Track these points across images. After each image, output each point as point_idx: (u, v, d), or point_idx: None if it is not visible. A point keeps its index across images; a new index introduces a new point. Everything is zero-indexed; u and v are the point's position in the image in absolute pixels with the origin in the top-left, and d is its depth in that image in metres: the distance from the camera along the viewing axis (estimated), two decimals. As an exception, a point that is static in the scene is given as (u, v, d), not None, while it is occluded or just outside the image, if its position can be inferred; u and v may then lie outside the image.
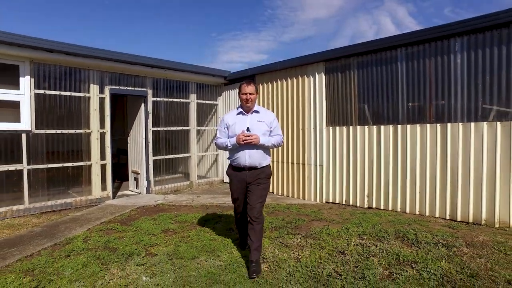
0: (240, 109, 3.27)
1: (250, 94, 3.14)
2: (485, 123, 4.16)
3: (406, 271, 2.80)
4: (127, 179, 7.63)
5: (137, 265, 3.23)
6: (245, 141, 3.01)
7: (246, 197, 3.22)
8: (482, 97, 4.20)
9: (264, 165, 3.20)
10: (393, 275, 2.76)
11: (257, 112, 3.24)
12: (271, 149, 3.47)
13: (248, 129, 3.09)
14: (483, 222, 4.15)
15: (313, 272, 2.88)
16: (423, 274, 2.72)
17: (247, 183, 3.18)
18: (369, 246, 3.38)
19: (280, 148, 6.46)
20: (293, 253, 3.37)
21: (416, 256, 3.07)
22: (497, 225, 4.03)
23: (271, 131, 3.22)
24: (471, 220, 4.25)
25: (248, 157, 3.10)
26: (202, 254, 3.44)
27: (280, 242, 3.67)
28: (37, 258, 3.45)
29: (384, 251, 3.24)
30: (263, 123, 3.16)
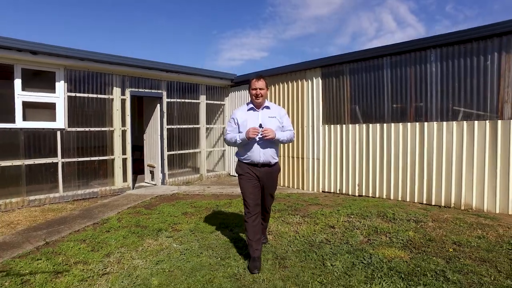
0: (251, 105, 3.19)
1: (260, 89, 3.08)
2: (454, 122, 4.93)
3: (381, 238, 3.60)
4: (141, 173, 8.42)
5: (166, 237, 4.02)
6: (263, 136, 2.95)
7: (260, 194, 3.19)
8: (452, 100, 4.97)
9: (275, 161, 3.21)
10: (370, 241, 3.55)
11: (268, 108, 3.19)
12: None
13: (260, 126, 3.04)
14: (452, 205, 4.94)
15: (308, 240, 3.67)
16: (393, 240, 3.51)
17: (260, 179, 3.15)
18: (354, 222, 4.17)
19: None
20: (292, 227, 4.16)
21: (391, 229, 3.86)
22: (462, 207, 4.82)
23: (282, 127, 3.19)
24: (443, 204, 5.04)
25: (263, 154, 3.08)
26: (219, 229, 4.23)
27: (282, 220, 4.46)
28: (85, 232, 4.25)
29: (366, 225, 4.03)
30: (275, 119, 3.13)
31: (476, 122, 4.72)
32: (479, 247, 3.22)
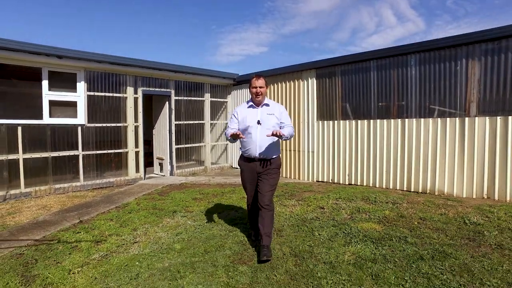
0: (251, 102, 3.34)
1: (260, 87, 3.21)
2: (430, 119, 5.65)
3: (362, 215, 4.33)
4: (149, 166, 9.12)
5: (181, 216, 4.74)
6: (277, 134, 3.04)
7: (257, 186, 3.35)
8: (429, 100, 5.68)
9: (275, 156, 3.31)
10: (352, 218, 4.28)
11: (267, 105, 3.32)
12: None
13: (258, 122, 3.22)
14: (428, 191, 5.67)
15: (302, 217, 4.40)
16: (371, 217, 4.24)
17: (258, 173, 3.30)
18: (341, 204, 4.90)
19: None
20: (288, 209, 4.88)
21: (371, 209, 4.59)
22: (436, 193, 5.55)
23: (281, 123, 3.31)
24: (420, 190, 5.77)
25: (259, 149, 3.22)
26: (225, 210, 4.95)
27: (280, 203, 5.19)
28: (110, 213, 4.97)
29: (351, 206, 4.76)
30: (273, 116, 3.26)
31: (448, 119, 5.43)
32: (439, 221, 3.95)
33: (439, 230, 3.64)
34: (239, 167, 3.55)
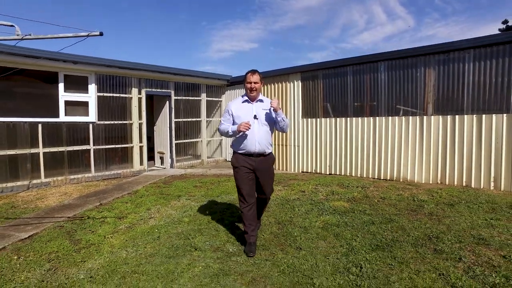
0: (245, 97, 3.35)
1: (255, 83, 3.23)
2: (396, 117, 6.65)
3: (335, 196, 5.30)
4: (150, 159, 9.97)
5: (186, 199, 5.65)
6: (272, 103, 3.18)
7: (256, 183, 3.36)
8: (396, 101, 6.68)
9: (270, 151, 3.36)
10: (327, 198, 5.26)
11: (261, 101, 3.36)
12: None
13: (255, 117, 3.23)
14: (394, 178, 6.69)
15: (286, 198, 5.35)
16: (342, 197, 5.22)
17: (255, 169, 3.29)
18: (319, 189, 5.87)
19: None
20: (275, 193, 5.81)
21: (343, 191, 5.57)
22: (401, 180, 6.57)
23: (276, 119, 3.33)
24: (388, 178, 6.78)
25: (258, 144, 3.23)
26: (222, 195, 5.87)
27: (268, 189, 6.13)
28: (124, 198, 5.85)
29: (327, 190, 5.74)
30: (267, 112, 3.32)
31: (410, 117, 6.44)
32: (394, 200, 4.95)
33: (392, 206, 4.64)
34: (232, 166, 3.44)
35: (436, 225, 3.74)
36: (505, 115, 5.35)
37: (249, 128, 3.15)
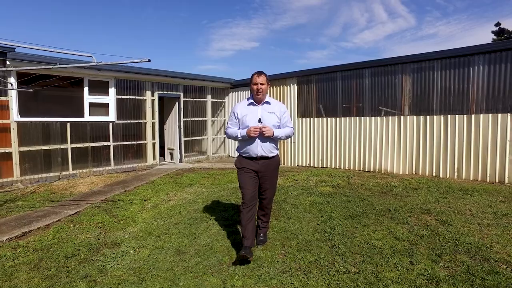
0: (251, 100, 3.26)
1: (261, 84, 3.14)
2: (379, 117, 7.65)
3: (323, 184, 6.31)
4: (160, 155, 10.99)
5: (197, 187, 6.66)
6: (263, 133, 3.05)
7: (258, 186, 3.31)
8: (378, 103, 7.67)
9: (274, 154, 3.29)
10: (316, 185, 6.26)
11: (268, 103, 3.26)
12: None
13: (260, 120, 3.15)
14: (377, 170, 7.69)
15: (281, 185, 6.35)
16: (328, 184, 6.22)
17: (258, 171, 3.26)
18: (310, 178, 6.88)
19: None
20: (273, 181, 6.83)
21: (330, 180, 6.57)
22: (382, 171, 7.58)
23: (281, 123, 3.27)
24: (372, 170, 7.79)
25: (261, 148, 3.19)
26: (228, 183, 6.88)
27: (267, 179, 7.14)
28: (144, 186, 6.87)
29: (317, 179, 6.74)
30: (273, 115, 3.21)
31: (390, 117, 7.44)
32: (372, 186, 5.96)
33: (368, 190, 5.65)
34: (236, 168, 3.40)
35: (398, 202, 4.76)
36: (465, 115, 6.35)
37: (258, 132, 3.10)
